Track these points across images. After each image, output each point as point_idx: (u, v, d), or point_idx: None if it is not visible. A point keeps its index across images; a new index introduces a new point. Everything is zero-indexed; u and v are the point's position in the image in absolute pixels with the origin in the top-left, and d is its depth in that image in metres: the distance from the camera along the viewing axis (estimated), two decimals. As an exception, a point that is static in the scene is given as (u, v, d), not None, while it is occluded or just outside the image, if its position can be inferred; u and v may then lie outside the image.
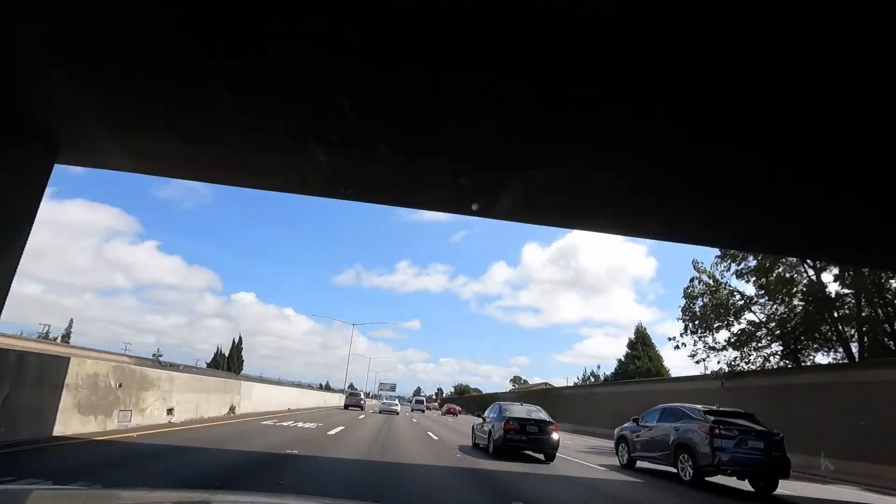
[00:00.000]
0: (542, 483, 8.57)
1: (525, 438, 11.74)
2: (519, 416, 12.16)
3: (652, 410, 12.38)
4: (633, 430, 12.50)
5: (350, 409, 34.64)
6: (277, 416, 17.08)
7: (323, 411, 26.28)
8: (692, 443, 10.12)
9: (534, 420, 12.09)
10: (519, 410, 12.60)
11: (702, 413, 10.59)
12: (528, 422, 11.93)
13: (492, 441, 12.04)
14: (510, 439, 11.65)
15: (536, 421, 12.08)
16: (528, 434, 11.76)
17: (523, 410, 12.62)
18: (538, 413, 12.67)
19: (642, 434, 12.07)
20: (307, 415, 19.97)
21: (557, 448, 12.18)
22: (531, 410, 12.70)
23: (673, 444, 10.67)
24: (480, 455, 11.51)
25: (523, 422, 11.88)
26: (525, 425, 11.81)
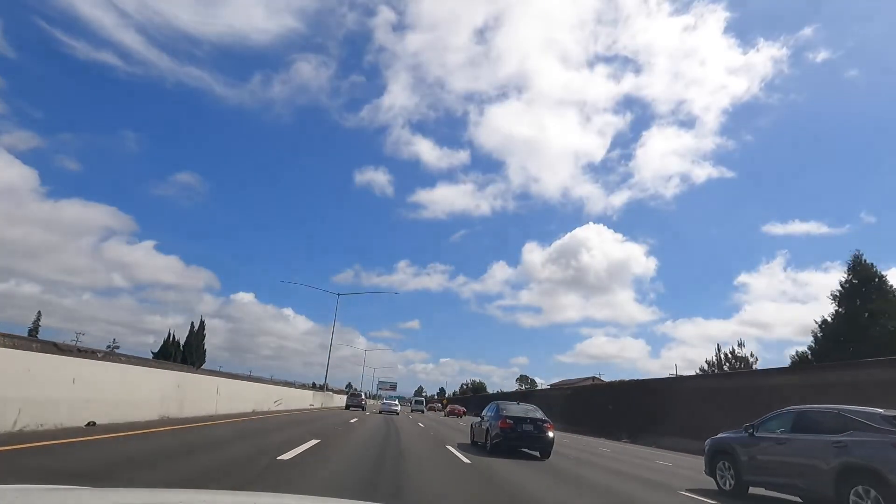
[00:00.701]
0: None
1: (521, 436, 12.17)
2: (516, 414, 12.56)
3: (778, 414, 8.52)
4: (745, 442, 8.52)
5: (351, 409, 36.58)
6: (224, 420, 12.93)
7: (303, 414, 21.85)
8: (879, 467, 6.20)
9: (530, 419, 12.46)
10: (516, 410, 12.96)
11: (888, 420, 6.56)
12: (524, 420, 12.34)
13: (489, 439, 12.45)
14: (507, 437, 12.06)
15: (532, 419, 12.45)
16: (524, 432, 12.18)
17: (520, 410, 12.99)
18: (534, 412, 13.00)
19: (764, 449, 8.20)
20: (263, 421, 14.73)
21: (552, 446, 12.47)
22: (528, 410, 13.05)
23: (836, 469, 6.81)
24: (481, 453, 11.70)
25: (519, 420, 12.30)
26: (521, 423, 12.23)
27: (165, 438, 8.58)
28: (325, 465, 7.49)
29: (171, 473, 5.60)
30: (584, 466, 11.89)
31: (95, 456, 6.19)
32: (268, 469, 6.42)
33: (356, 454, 9.29)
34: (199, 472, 5.87)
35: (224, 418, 13.72)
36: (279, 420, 16.19)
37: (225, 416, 14.43)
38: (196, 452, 7.41)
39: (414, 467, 8.26)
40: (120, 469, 5.61)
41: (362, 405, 38.93)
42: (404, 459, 9.09)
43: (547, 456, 12.20)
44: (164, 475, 5.41)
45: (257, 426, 13.05)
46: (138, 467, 5.80)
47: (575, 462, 12.65)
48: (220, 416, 14.00)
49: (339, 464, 7.79)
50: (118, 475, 5.18)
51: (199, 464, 6.43)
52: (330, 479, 6.31)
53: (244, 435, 10.58)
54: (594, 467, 11.96)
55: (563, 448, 16.14)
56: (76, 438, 7.20)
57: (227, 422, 12.90)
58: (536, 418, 12.54)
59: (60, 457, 5.98)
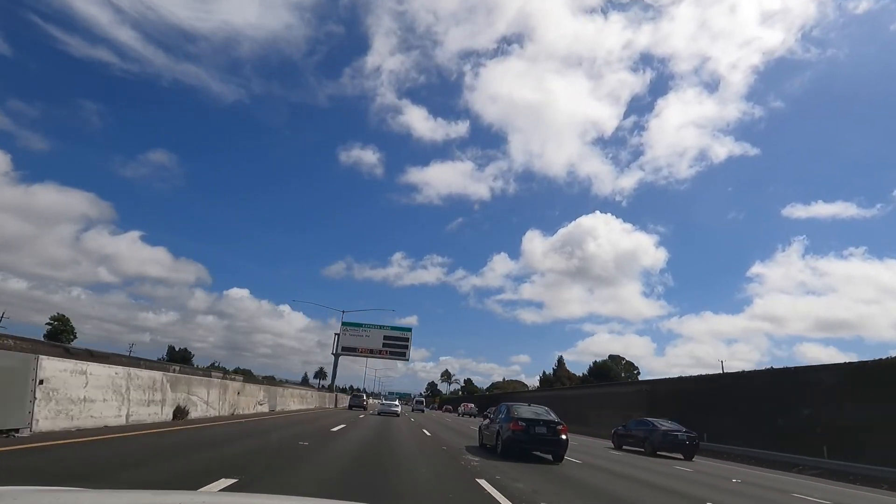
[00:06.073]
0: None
1: (534, 439, 11.84)
2: (527, 416, 12.34)
3: None
4: None
5: (353, 409, 38.40)
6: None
7: (281, 419, 17.45)
8: None
9: (542, 421, 12.19)
10: (527, 411, 12.75)
11: None
12: (536, 422, 12.05)
13: (500, 441, 12.04)
14: (519, 440, 11.73)
15: (545, 422, 12.18)
16: (537, 434, 11.87)
17: (531, 411, 12.78)
18: (547, 414, 12.81)
19: None
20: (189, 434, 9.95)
21: (566, 449, 12.10)
22: (539, 412, 12.84)
23: None
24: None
25: (532, 422, 12.00)
26: (534, 426, 11.93)
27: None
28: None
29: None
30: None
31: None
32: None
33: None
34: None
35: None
36: (224, 432, 11.40)
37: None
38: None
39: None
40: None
41: (364, 405, 40.94)
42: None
43: (560, 460, 11.85)
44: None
45: (162, 444, 8.43)
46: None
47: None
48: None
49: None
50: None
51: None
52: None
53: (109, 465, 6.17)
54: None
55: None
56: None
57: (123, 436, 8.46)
58: (550, 420, 12.33)
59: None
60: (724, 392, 28.53)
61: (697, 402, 29.68)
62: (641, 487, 9.53)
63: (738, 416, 25.71)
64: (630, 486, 9.43)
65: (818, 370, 23.29)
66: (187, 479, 5.62)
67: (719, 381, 31.19)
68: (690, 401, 30.26)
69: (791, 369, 25.30)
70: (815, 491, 12.42)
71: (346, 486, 6.37)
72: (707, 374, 33.91)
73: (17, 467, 5.51)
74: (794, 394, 23.26)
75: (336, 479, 6.84)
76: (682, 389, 32.64)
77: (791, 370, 25.20)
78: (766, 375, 26.99)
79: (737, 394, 27.30)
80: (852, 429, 19.51)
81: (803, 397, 22.63)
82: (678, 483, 10.82)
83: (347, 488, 6.26)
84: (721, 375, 34.20)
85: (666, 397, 33.54)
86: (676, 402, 31.25)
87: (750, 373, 29.64)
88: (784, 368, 26.09)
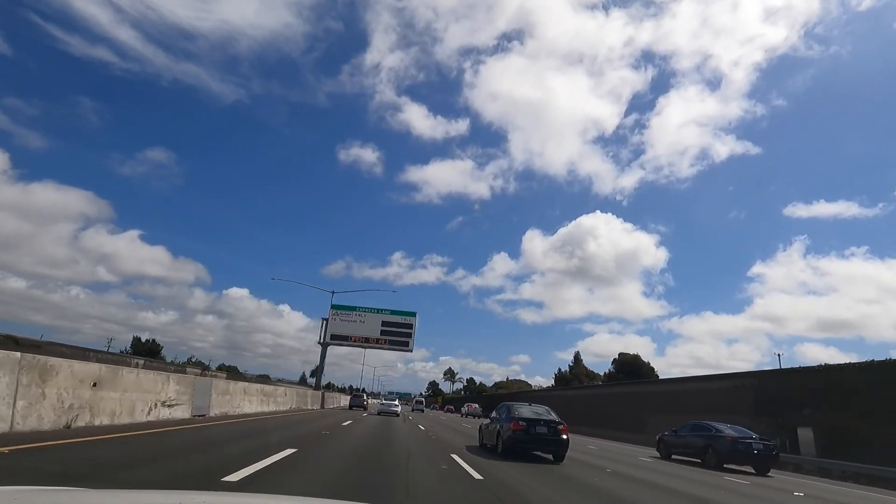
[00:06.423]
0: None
1: (535, 439, 11.73)
2: (528, 416, 12.22)
3: None
4: None
5: (354, 409, 37.87)
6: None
7: (269, 421, 14.09)
8: None
9: (543, 421, 12.08)
10: (528, 411, 12.64)
11: None
12: (537, 422, 11.94)
13: (500, 441, 11.93)
14: (520, 439, 11.61)
15: (546, 421, 12.07)
16: (537, 434, 11.75)
17: (531, 411, 12.66)
18: (547, 414, 12.68)
19: None
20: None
21: (567, 449, 11.99)
22: (539, 411, 12.71)
23: None
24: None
25: (532, 422, 11.90)
26: (534, 425, 11.81)
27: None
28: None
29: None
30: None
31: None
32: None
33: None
34: None
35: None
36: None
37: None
38: None
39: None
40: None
41: (364, 405, 40.14)
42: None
43: (561, 460, 11.73)
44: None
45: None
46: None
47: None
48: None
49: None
50: None
51: None
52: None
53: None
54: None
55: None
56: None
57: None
58: (550, 420, 12.23)
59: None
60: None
61: (856, 402, 19.79)
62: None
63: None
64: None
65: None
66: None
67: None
68: (846, 400, 20.31)
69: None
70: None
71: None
72: (872, 362, 21.01)
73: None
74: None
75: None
76: (832, 381, 21.43)
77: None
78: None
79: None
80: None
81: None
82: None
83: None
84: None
85: (786, 394, 23.58)
86: (814, 400, 21.43)
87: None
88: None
